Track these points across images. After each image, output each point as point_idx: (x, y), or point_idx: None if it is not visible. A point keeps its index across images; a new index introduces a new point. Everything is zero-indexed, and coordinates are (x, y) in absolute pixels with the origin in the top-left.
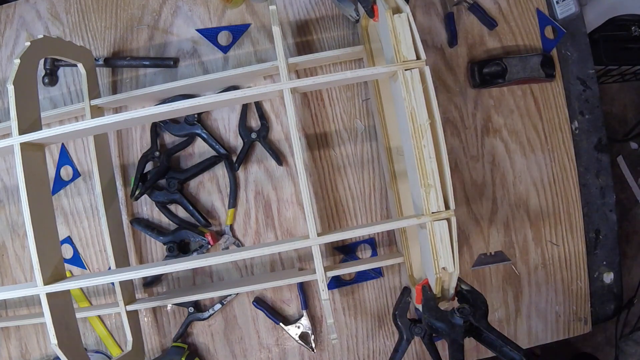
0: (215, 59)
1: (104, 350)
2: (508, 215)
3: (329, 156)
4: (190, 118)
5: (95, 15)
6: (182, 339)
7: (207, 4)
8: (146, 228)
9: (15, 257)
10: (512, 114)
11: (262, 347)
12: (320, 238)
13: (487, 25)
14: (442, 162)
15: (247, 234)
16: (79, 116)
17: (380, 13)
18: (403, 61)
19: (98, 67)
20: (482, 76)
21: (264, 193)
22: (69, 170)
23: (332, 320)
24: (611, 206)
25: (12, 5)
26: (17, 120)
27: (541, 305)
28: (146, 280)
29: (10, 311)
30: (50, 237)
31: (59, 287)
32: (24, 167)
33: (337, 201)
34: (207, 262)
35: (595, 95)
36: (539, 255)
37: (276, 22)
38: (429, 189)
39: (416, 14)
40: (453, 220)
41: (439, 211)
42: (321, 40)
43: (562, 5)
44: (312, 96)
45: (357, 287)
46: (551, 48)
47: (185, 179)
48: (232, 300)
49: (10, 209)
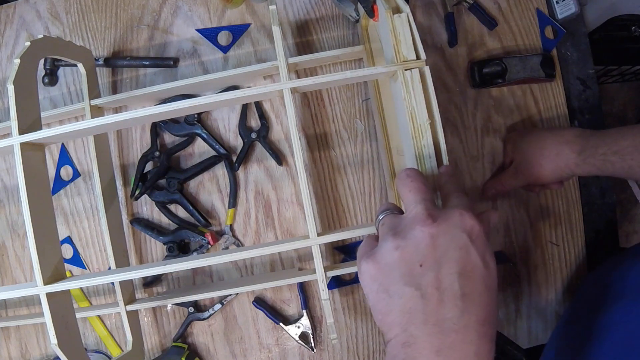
0: (215, 59)
1: (104, 350)
2: (508, 215)
3: (329, 156)
4: (190, 118)
5: (95, 15)
6: (182, 339)
7: (207, 4)
8: (146, 228)
9: (15, 257)
10: (512, 114)
11: (262, 347)
12: (320, 238)
13: (487, 25)
14: (442, 162)
15: (247, 234)
16: (79, 116)
17: (380, 13)
18: (403, 61)
19: (98, 67)
20: (482, 76)
21: (264, 193)
22: (69, 170)
23: (332, 320)
24: (611, 206)
25: (12, 5)
26: (17, 120)
27: (541, 305)
28: (146, 280)
29: (10, 311)
30: (50, 237)
31: (59, 287)
32: (24, 167)
33: (337, 201)
34: (207, 262)
35: (595, 95)
36: (539, 255)
37: (276, 22)
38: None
39: (416, 14)
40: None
41: None
42: (321, 40)
43: (562, 5)
44: (312, 96)
45: (357, 287)
46: (551, 48)
47: (185, 179)
48: (232, 300)
49: (10, 209)
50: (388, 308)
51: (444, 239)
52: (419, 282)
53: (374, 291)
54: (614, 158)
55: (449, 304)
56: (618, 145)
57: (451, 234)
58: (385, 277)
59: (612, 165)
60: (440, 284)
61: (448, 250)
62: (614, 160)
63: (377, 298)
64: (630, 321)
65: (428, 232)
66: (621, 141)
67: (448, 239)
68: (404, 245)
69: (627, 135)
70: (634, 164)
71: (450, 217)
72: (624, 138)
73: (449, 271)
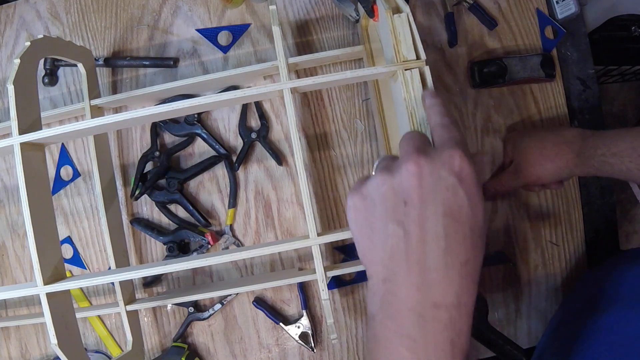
0: (215, 59)
1: (104, 350)
2: (508, 215)
3: (329, 156)
4: (190, 118)
5: (95, 15)
6: (182, 339)
7: (207, 4)
8: (146, 228)
9: (15, 257)
10: (512, 114)
11: (262, 347)
12: (320, 238)
13: (487, 25)
14: None
15: (247, 234)
16: (79, 116)
17: (380, 13)
18: (403, 61)
19: (98, 67)
20: (482, 76)
21: (264, 193)
22: (69, 170)
23: (332, 320)
24: (611, 206)
25: (12, 5)
26: (17, 120)
27: (541, 305)
28: (146, 280)
29: (10, 311)
30: (50, 237)
31: (59, 287)
32: (24, 167)
33: (337, 201)
34: (207, 262)
35: (595, 95)
36: (539, 255)
37: (276, 22)
38: None
39: (416, 14)
40: None
41: None
42: (321, 40)
43: (562, 5)
44: (312, 96)
45: (357, 287)
46: (551, 48)
47: (185, 179)
48: (232, 300)
49: (10, 209)
50: (371, 244)
51: (430, 179)
52: (403, 220)
53: (359, 226)
54: (613, 160)
55: (431, 243)
56: (617, 147)
57: (438, 174)
58: (369, 213)
59: (611, 167)
60: (424, 223)
61: (434, 191)
62: (612, 162)
63: (361, 233)
64: (627, 324)
65: (415, 171)
66: (620, 143)
67: (435, 179)
68: (391, 182)
69: (626, 137)
70: (632, 166)
71: (439, 157)
72: (623, 140)
73: (433, 211)
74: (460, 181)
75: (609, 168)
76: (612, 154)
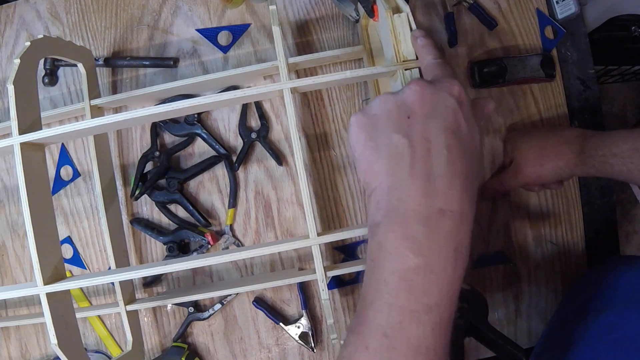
0: (215, 59)
1: (104, 350)
2: (508, 215)
3: (329, 156)
4: (190, 118)
5: (95, 15)
6: (182, 339)
7: (207, 4)
8: (146, 228)
9: (15, 257)
10: (512, 114)
11: (262, 347)
12: (320, 238)
13: (487, 25)
14: None
15: (247, 234)
16: (79, 116)
17: (380, 13)
18: (403, 61)
19: (98, 67)
20: (482, 76)
21: (264, 193)
22: (69, 170)
23: (332, 321)
24: (611, 206)
25: (12, 5)
26: (17, 120)
27: (541, 305)
28: (146, 280)
29: (10, 311)
30: (50, 237)
31: (59, 287)
32: (24, 167)
33: (337, 201)
34: (207, 262)
35: (595, 95)
36: (539, 255)
37: (276, 22)
38: None
39: (416, 14)
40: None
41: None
42: (321, 40)
43: (562, 5)
44: (312, 96)
45: (357, 287)
46: (551, 48)
47: (185, 179)
48: (232, 300)
49: (10, 209)
50: (375, 156)
51: (433, 98)
52: (407, 131)
53: (362, 141)
54: (614, 160)
55: (436, 152)
56: (618, 148)
57: (440, 95)
58: (373, 127)
59: (611, 168)
60: (427, 135)
61: (436, 108)
62: (613, 163)
63: (364, 147)
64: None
65: (418, 89)
66: (621, 144)
67: (437, 99)
68: (394, 99)
69: (627, 138)
70: (633, 167)
71: (440, 83)
72: (625, 141)
73: (435, 125)
74: (460, 104)
75: (609, 169)
76: (613, 154)
